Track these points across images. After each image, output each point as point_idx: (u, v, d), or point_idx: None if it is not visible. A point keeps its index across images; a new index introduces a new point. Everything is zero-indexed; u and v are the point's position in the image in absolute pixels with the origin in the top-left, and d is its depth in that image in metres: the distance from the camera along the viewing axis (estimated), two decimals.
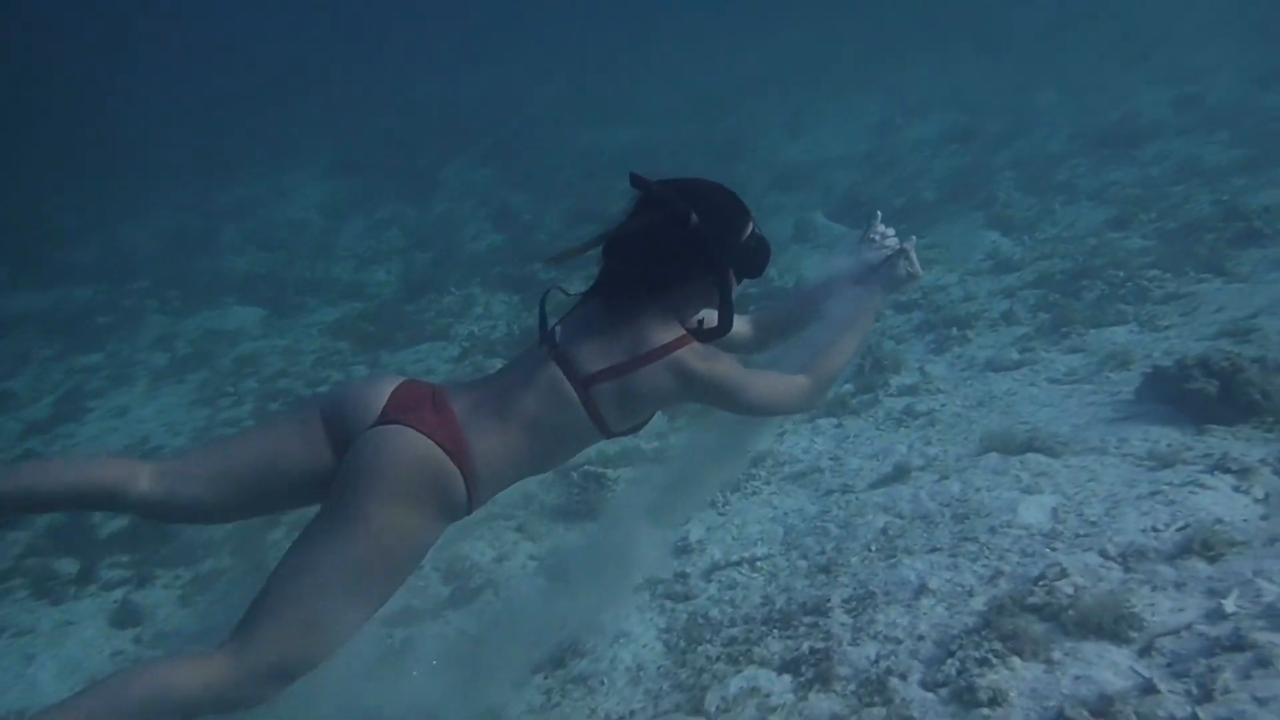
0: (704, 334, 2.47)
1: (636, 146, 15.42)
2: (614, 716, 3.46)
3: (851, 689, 3.11)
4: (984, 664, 2.98)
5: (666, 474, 5.40)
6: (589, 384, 2.36)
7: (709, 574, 4.24)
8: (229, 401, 7.88)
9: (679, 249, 2.36)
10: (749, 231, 2.50)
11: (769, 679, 3.34)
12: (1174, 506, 3.49)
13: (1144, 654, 2.81)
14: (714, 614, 3.91)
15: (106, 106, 19.60)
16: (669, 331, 2.39)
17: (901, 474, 4.58)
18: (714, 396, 2.43)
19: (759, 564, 4.20)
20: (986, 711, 2.78)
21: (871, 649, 3.28)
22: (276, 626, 2.15)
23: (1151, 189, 8.82)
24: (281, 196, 16.34)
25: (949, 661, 3.06)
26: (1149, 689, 2.64)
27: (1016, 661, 2.94)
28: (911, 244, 2.75)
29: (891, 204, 10.12)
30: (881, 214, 2.90)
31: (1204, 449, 3.92)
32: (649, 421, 2.55)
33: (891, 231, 2.83)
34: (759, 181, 11.81)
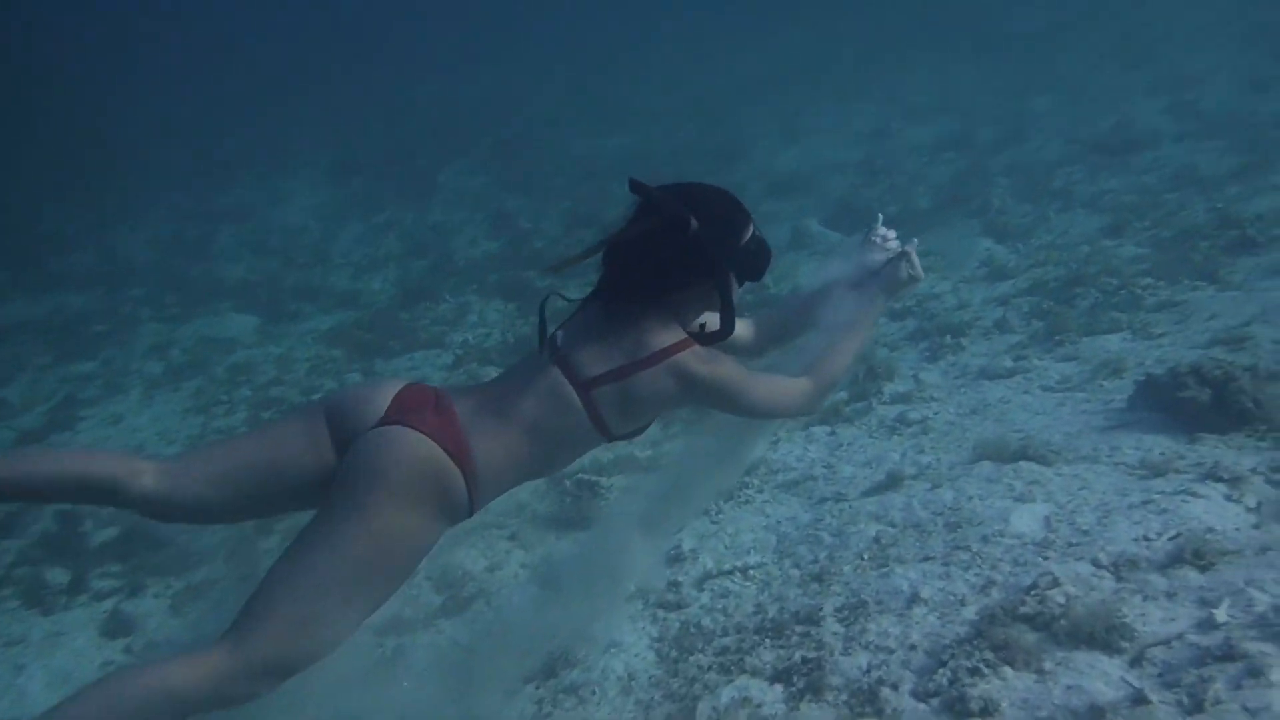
0: (705, 337, 2.47)
1: (633, 151, 15.42)
2: None
3: (843, 699, 3.10)
4: (975, 674, 2.97)
5: (660, 482, 5.38)
6: (590, 387, 2.36)
7: (701, 583, 4.23)
8: (222, 410, 7.85)
9: (679, 254, 2.35)
10: (749, 234, 2.49)
11: (761, 689, 3.33)
12: (1166, 515, 3.49)
13: (1135, 664, 2.80)
14: (706, 623, 3.90)
15: (105, 109, 19.58)
16: (670, 335, 2.39)
17: (894, 482, 4.57)
18: (716, 399, 2.43)
19: (751, 573, 4.19)
20: None
21: (863, 658, 3.27)
22: (273, 623, 2.14)
23: (1146, 196, 8.83)
24: (279, 201, 16.32)
25: (941, 671, 3.05)
26: (1140, 699, 2.64)
27: (1008, 671, 2.94)
28: (913, 247, 2.75)
29: (886, 211, 10.11)
30: (882, 216, 2.90)
31: (1196, 458, 3.91)
32: (650, 425, 2.54)
33: (893, 234, 2.83)
34: (755, 187, 11.80)
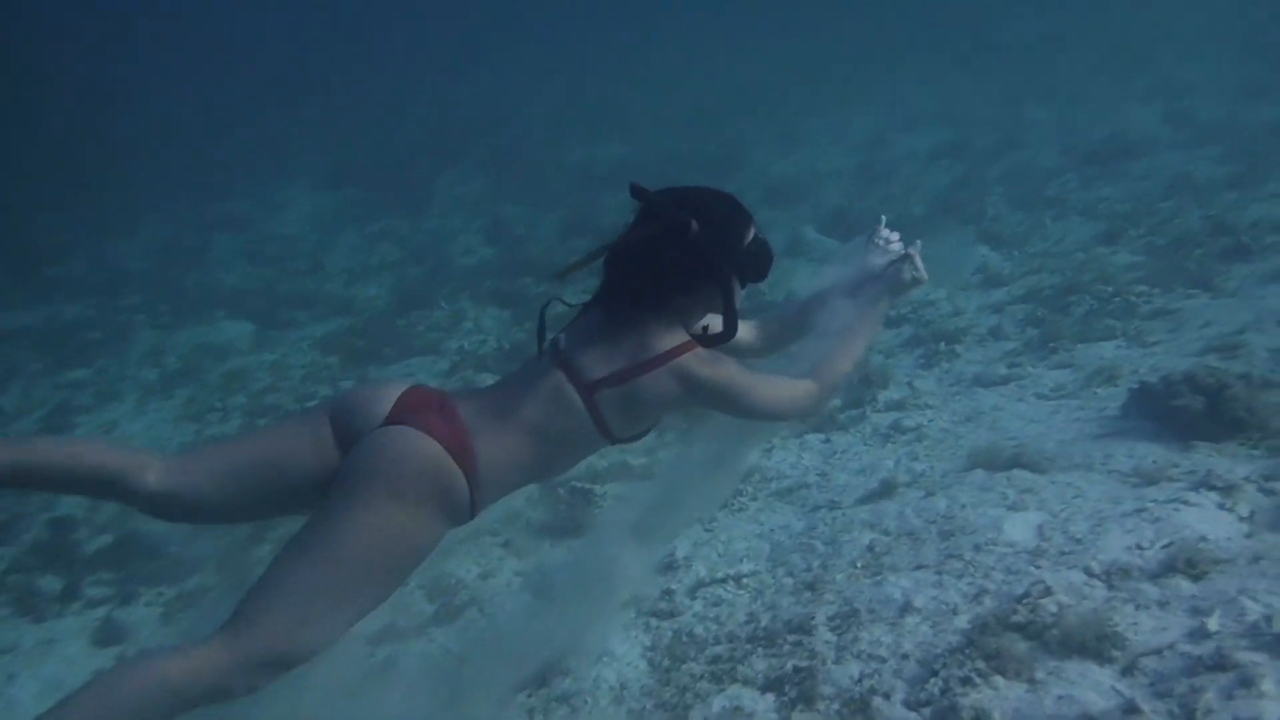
0: (708, 339, 2.46)
1: (630, 158, 15.44)
2: None
3: (835, 708, 3.09)
4: (967, 683, 2.96)
5: (654, 490, 5.38)
6: (593, 390, 2.36)
7: (694, 591, 4.22)
8: (216, 417, 7.84)
9: (681, 257, 2.35)
10: (750, 236, 2.49)
11: (752, 698, 3.32)
12: (1158, 524, 3.48)
13: (1127, 673, 2.79)
14: (699, 631, 3.89)
15: (104, 116, 19.56)
16: (673, 337, 2.39)
17: (888, 490, 4.57)
18: (718, 401, 2.43)
19: (745, 581, 4.18)
20: None
21: (855, 668, 3.26)
22: (271, 616, 2.13)
23: (1141, 204, 8.85)
24: (275, 208, 16.32)
25: (932, 681, 3.04)
26: (1131, 709, 2.63)
27: (1000, 681, 2.93)
28: (916, 249, 2.75)
29: (874, 221, 10.10)
30: (885, 218, 2.90)
31: (1189, 466, 3.91)
32: (653, 428, 2.54)
33: (896, 236, 2.83)
34: (751, 195, 11.64)
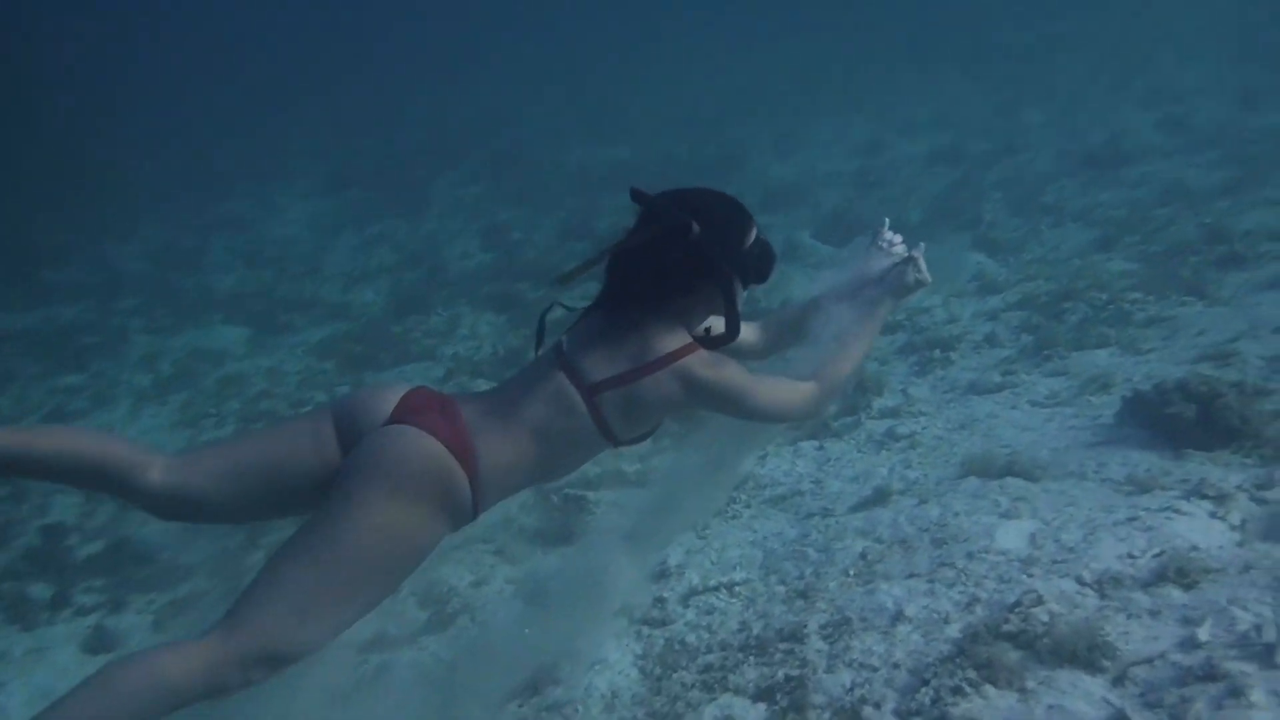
0: (710, 341, 2.47)
1: (628, 162, 15.43)
2: None
3: (826, 717, 3.09)
4: (958, 692, 2.96)
5: (648, 498, 5.37)
6: (595, 392, 2.36)
7: (687, 599, 4.21)
8: (211, 422, 7.83)
9: (682, 260, 2.35)
10: (752, 237, 2.50)
11: (744, 707, 3.32)
12: (1150, 533, 3.47)
13: (1117, 683, 2.79)
14: (690, 640, 3.88)
15: (103, 120, 19.55)
16: (675, 339, 2.39)
17: (881, 497, 4.56)
18: (720, 403, 2.43)
19: (737, 589, 4.17)
20: None
21: (846, 677, 3.26)
22: (269, 611, 2.12)
23: (1137, 211, 8.85)
24: (273, 212, 16.31)
25: (923, 690, 3.04)
26: (1121, 719, 2.62)
27: (990, 690, 2.92)
28: (920, 251, 2.75)
29: (866, 232, 10.09)
30: (889, 221, 2.88)
31: (1182, 474, 3.90)
32: (655, 430, 2.54)
33: (899, 239, 2.83)
34: (748, 200, 11.24)
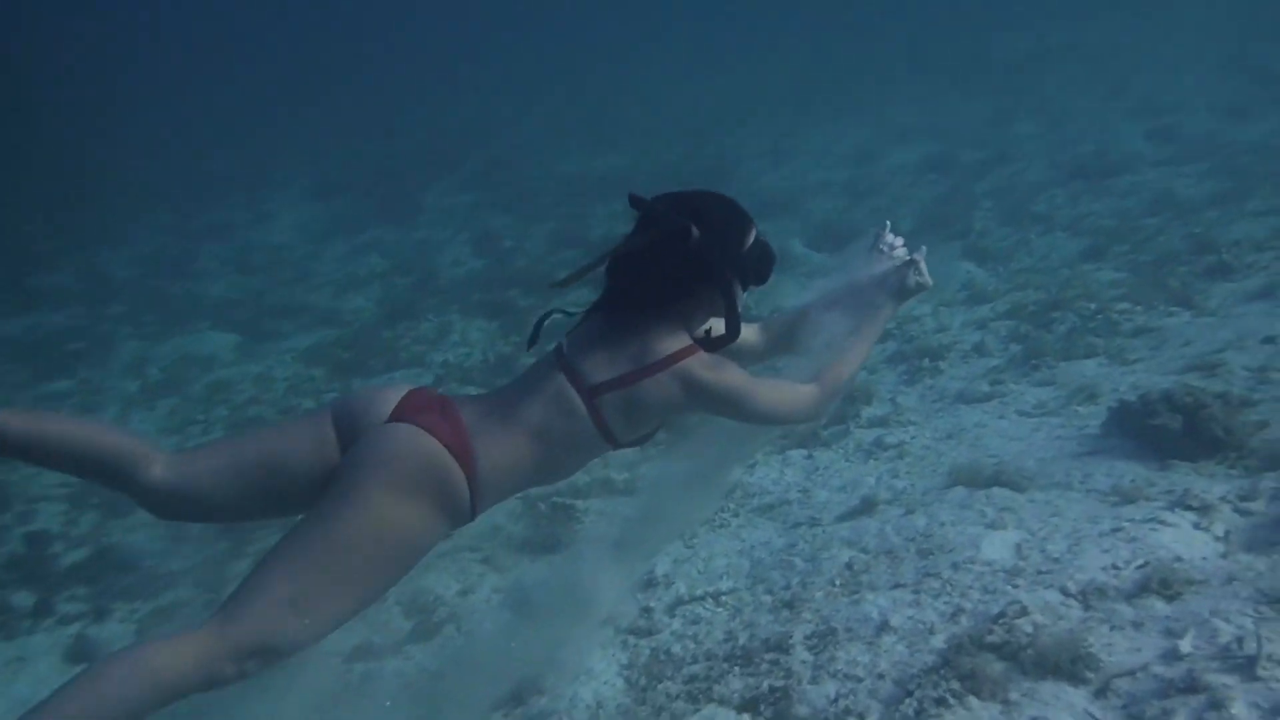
0: (711, 343, 2.47)
1: (620, 171, 15.42)
2: None
3: None
4: (942, 704, 2.96)
5: (636, 506, 5.36)
6: (596, 393, 2.35)
7: (673, 608, 4.20)
8: (198, 429, 7.78)
9: (682, 263, 2.35)
10: (751, 239, 2.49)
11: (728, 718, 3.31)
12: (1135, 544, 3.48)
13: (1100, 695, 2.79)
14: (676, 650, 3.87)
15: (98, 123, 19.51)
16: (676, 341, 2.39)
17: (869, 507, 4.57)
18: (720, 406, 2.43)
19: (724, 598, 4.17)
20: None
21: (831, 687, 3.25)
22: (264, 602, 2.11)
23: (1126, 221, 8.88)
24: (263, 218, 16.25)
25: (907, 701, 3.03)
26: None
27: (974, 701, 2.93)
28: (921, 254, 2.75)
29: (866, 234, 10.12)
30: (890, 223, 2.88)
31: (1166, 485, 3.92)
32: (656, 432, 2.53)
33: (900, 241, 2.82)
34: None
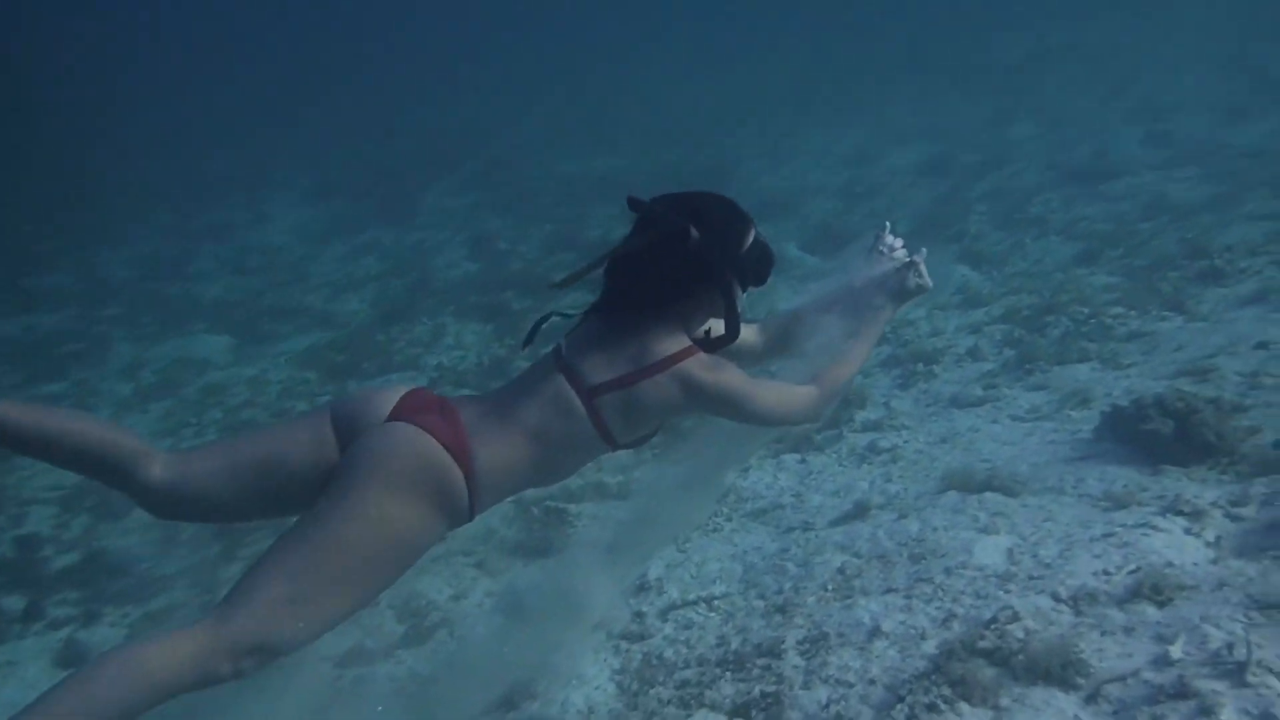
0: (710, 344, 2.47)
1: (618, 173, 15.42)
2: None
3: None
4: (932, 709, 2.96)
5: (629, 510, 5.36)
6: (595, 394, 2.36)
7: (666, 613, 4.20)
8: (191, 432, 7.77)
9: (681, 264, 2.35)
10: (751, 239, 2.48)
11: None
12: (1126, 549, 3.48)
13: (1090, 701, 2.79)
14: (668, 655, 3.86)
15: (96, 125, 19.50)
16: (675, 342, 2.39)
17: (861, 512, 4.56)
18: (719, 407, 2.43)
19: (716, 603, 4.16)
20: None
21: (823, 693, 3.25)
22: (261, 600, 2.10)
23: (1120, 225, 8.88)
24: (261, 220, 16.26)
25: (898, 707, 3.03)
26: None
27: (965, 707, 2.93)
28: (921, 256, 2.75)
29: (866, 235, 10.12)
30: (890, 225, 2.88)
31: (1158, 490, 3.91)
32: (655, 433, 2.53)
33: (900, 243, 2.82)
34: None
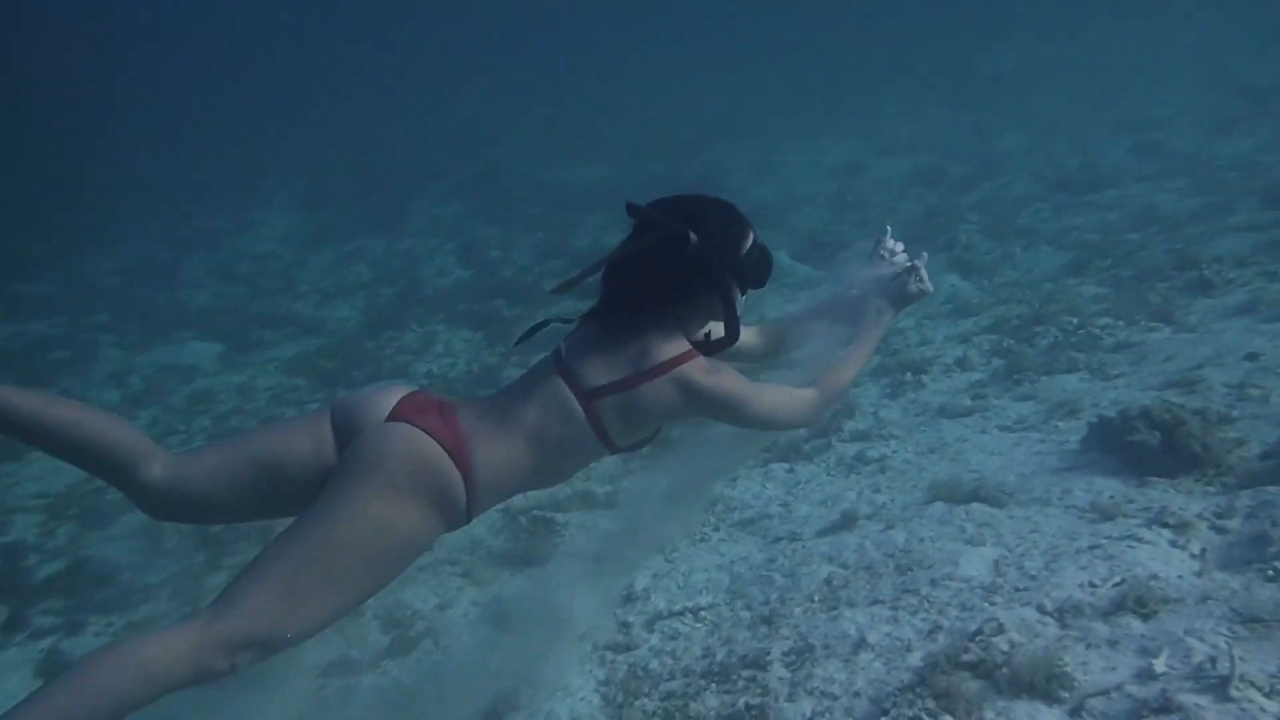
0: (709, 347, 2.46)
1: (608, 182, 15.43)
2: None
3: None
4: None
5: (617, 520, 5.34)
6: (593, 398, 2.35)
7: (652, 624, 4.18)
8: (179, 439, 7.72)
9: (680, 269, 2.35)
10: (749, 243, 2.48)
11: None
12: (1112, 561, 3.48)
13: (1074, 715, 2.78)
14: (654, 666, 3.85)
15: (87, 132, 19.47)
16: (674, 346, 2.38)
17: (849, 522, 4.56)
18: (719, 410, 2.42)
19: (703, 614, 4.15)
20: None
21: (807, 705, 3.24)
22: (257, 596, 2.10)
23: (1109, 235, 8.92)
24: (250, 228, 16.22)
25: None
26: None
27: None
28: (922, 260, 2.73)
29: (855, 245, 10.14)
30: (890, 229, 2.87)
31: (1144, 502, 3.91)
32: (654, 437, 2.52)
33: (901, 247, 2.81)
34: None
